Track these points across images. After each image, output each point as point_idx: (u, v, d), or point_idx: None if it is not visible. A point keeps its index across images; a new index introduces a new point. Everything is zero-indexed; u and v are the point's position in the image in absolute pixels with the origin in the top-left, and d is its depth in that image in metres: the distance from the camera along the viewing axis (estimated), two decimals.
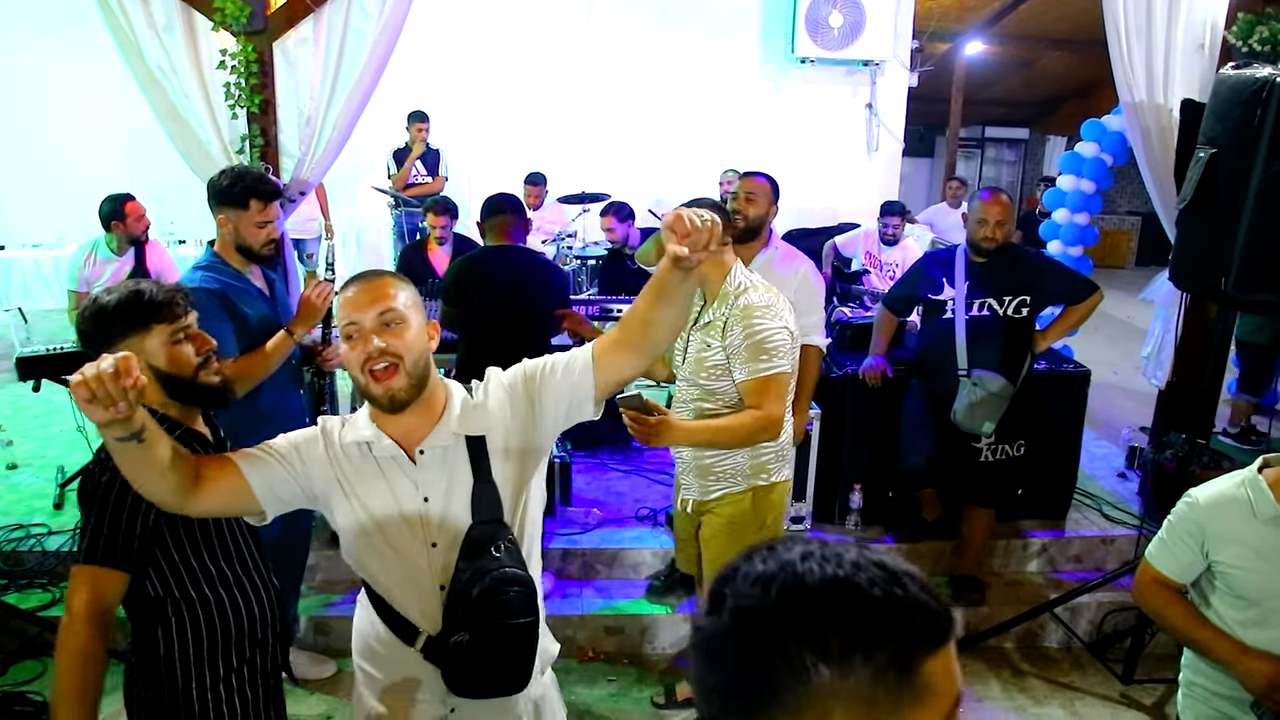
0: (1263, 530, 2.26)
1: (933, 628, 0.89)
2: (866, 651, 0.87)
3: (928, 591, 0.91)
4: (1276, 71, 3.15)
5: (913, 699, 0.88)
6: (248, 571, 2.29)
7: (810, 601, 0.88)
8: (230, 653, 2.22)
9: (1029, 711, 3.97)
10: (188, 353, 2.19)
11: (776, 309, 3.06)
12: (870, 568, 0.90)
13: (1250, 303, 3.36)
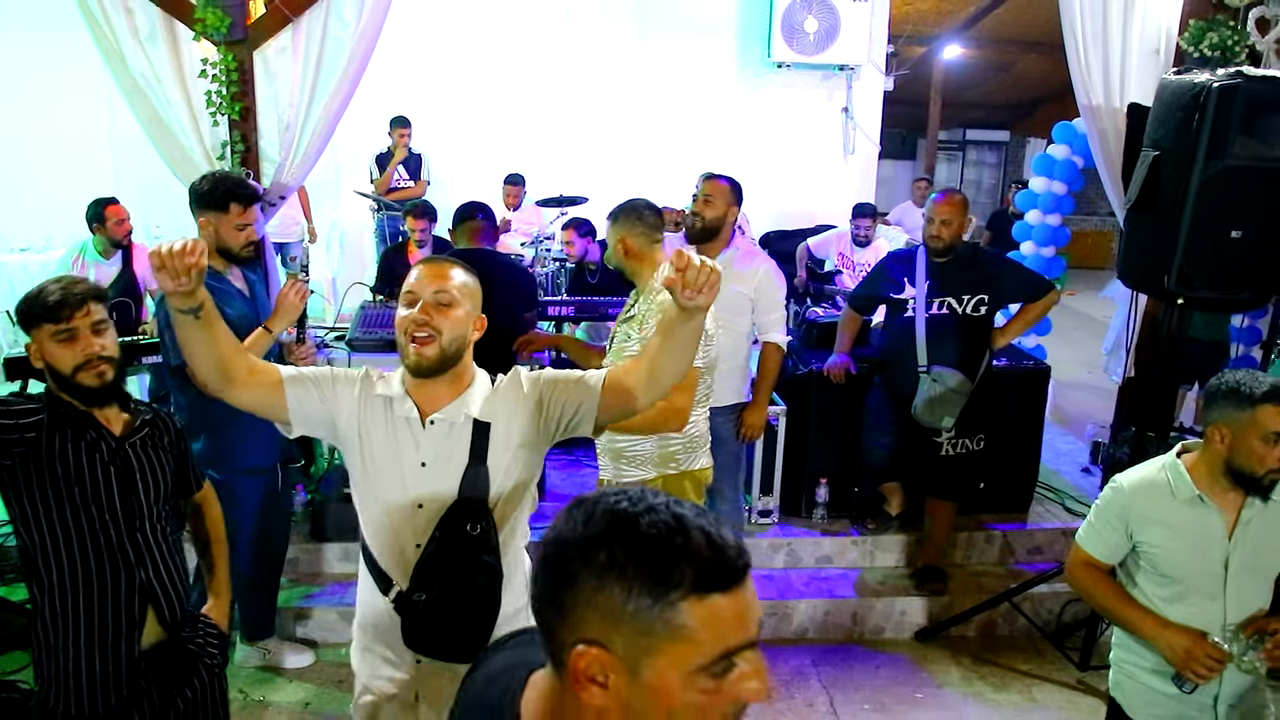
0: (1182, 511, 2.40)
1: (697, 578, 1.02)
2: (624, 574, 1.01)
3: (717, 551, 1.03)
4: (1214, 77, 3.29)
5: (667, 633, 1.02)
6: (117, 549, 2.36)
7: (594, 526, 1.04)
8: (92, 623, 2.35)
9: (987, 698, 4.10)
10: (63, 354, 2.30)
11: None
12: (663, 514, 1.04)
13: (1192, 299, 3.50)
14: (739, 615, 1.05)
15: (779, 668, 4.25)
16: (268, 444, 3.68)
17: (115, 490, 2.34)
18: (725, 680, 1.06)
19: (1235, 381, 2.33)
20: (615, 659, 1.05)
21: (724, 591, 1.04)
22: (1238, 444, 2.30)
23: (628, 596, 1.03)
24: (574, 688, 1.08)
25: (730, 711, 1.09)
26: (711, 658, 1.04)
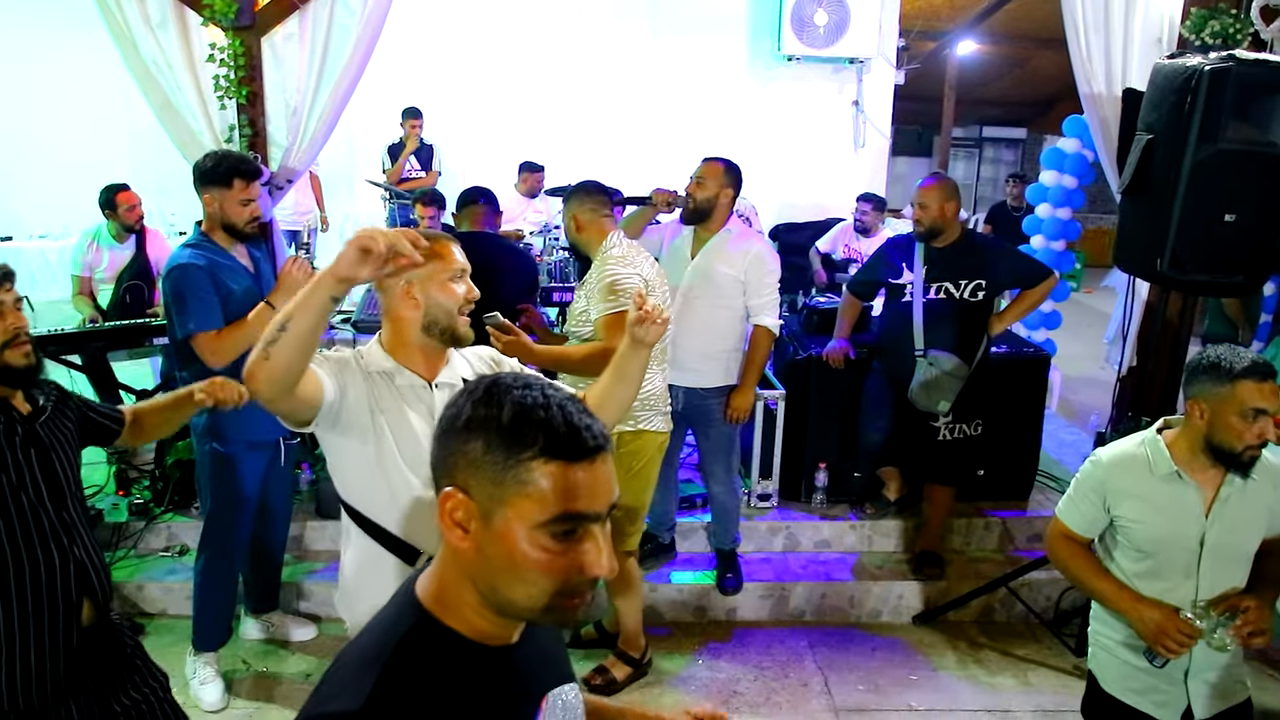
0: (1159, 486, 2.42)
1: (548, 443, 1.17)
2: (488, 430, 1.18)
3: (572, 427, 1.18)
4: (1206, 61, 3.31)
5: (516, 486, 1.17)
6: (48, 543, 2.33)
7: (478, 394, 1.22)
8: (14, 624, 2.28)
9: (982, 680, 4.12)
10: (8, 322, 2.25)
11: (632, 259, 3.46)
12: (535, 391, 1.21)
13: (1185, 283, 3.51)
14: (584, 486, 1.18)
15: (775, 649, 4.29)
16: (270, 418, 3.73)
17: (39, 472, 2.31)
18: (568, 544, 1.19)
19: (1215, 357, 2.34)
20: (473, 504, 1.20)
21: (570, 461, 1.17)
22: (1216, 419, 2.32)
23: (487, 449, 1.18)
24: (445, 534, 1.23)
25: (576, 579, 1.20)
26: (552, 515, 1.17)
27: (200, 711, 3.74)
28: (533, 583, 1.20)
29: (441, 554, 1.28)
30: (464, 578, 1.25)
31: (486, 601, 1.24)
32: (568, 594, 1.21)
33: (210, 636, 3.88)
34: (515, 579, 1.20)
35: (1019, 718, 3.87)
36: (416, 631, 1.25)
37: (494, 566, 1.21)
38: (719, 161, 4.04)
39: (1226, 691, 2.49)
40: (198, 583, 3.83)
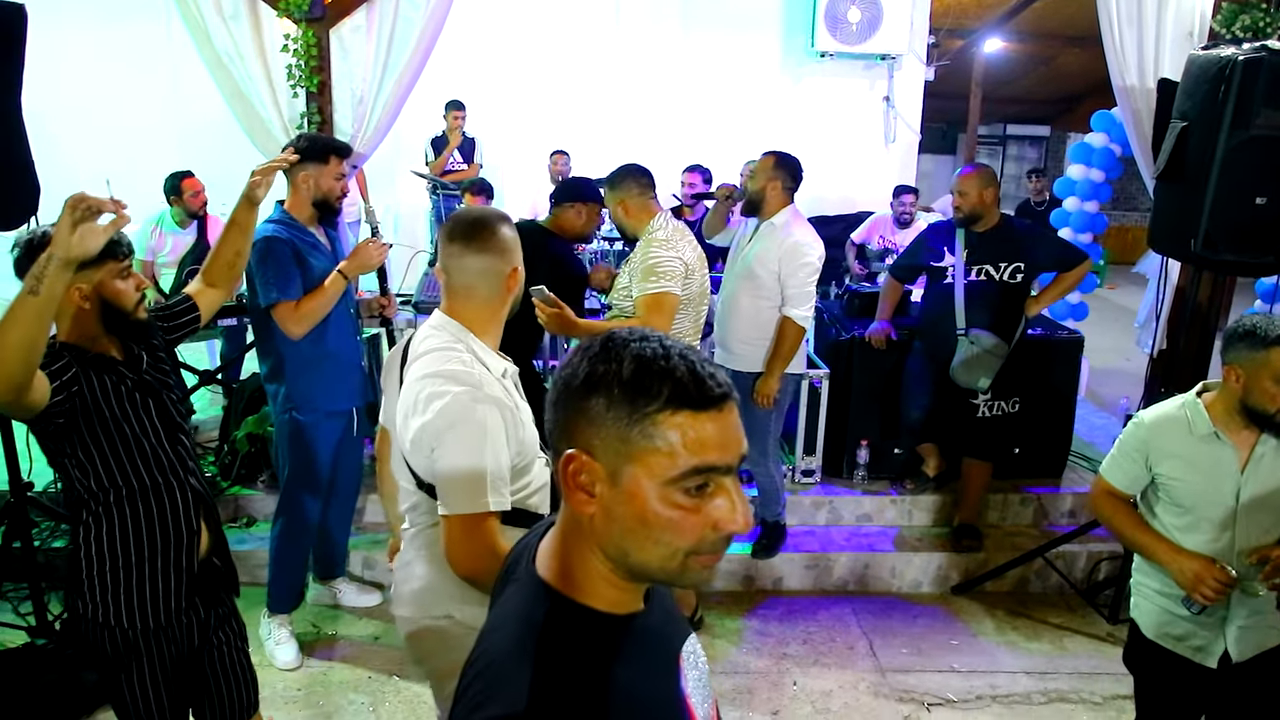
0: (1198, 445, 2.60)
1: (673, 394, 1.11)
2: (609, 386, 1.13)
3: (696, 376, 1.13)
4: (1239, 51, 3.47)
5: (644, 441, 1.11)
6: (167, 476, 2.52)
7: (592, 350, 1.17)
8: (144, 549, 2.49)
9: (1020, 646, 4.30)
10: (130, 289, 2.47)
11: (675, 243, 3.66)
12: (653, 343, 1.15)
13: (1217, 263, 3.68)
14: (713, 437, 1.12)
15: (820, 615, 4.48)
16: (347, 388, 3.96)
17: (153, 411, 2.50)
18: (700, 499, 1.14)
19: (1251, 324, 2.52)
20: (598, 465, 1.14)
21: (698, 410, 1.12)
22: (1252, 384, 2.49)
23: (609, 405, 1.13)
24: (568, 499, 1.19)
25: (710, 537, 1.15)
26: (683, 470, 1.12)
27: (275, 670, 3.95)
28: (666, 543, 1.15)
29: (560, 527, 1.25)
30: (590, 547, 1.20)
31: (617, 568, 1.20)
32: (702, 552, 1.16)
33: (285, 599, 4.10)
34: (647, 540, 1.15)
35: (1056, 679, 4.05)
36: (554, 616, 1.21)
37: (624, 529, 1.16)
38: (770, 154, 4.24)
39: (1261, 638, 2.65)
40: (274, 547, 4.03)
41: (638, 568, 1.18)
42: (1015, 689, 3.98)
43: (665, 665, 1.27)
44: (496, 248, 2.22)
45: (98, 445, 2.41)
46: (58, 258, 2.07)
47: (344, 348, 3.92)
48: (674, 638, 1.32)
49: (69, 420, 2.34)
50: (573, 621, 1.20)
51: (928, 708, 3.84)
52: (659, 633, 1.28)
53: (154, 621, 2.51)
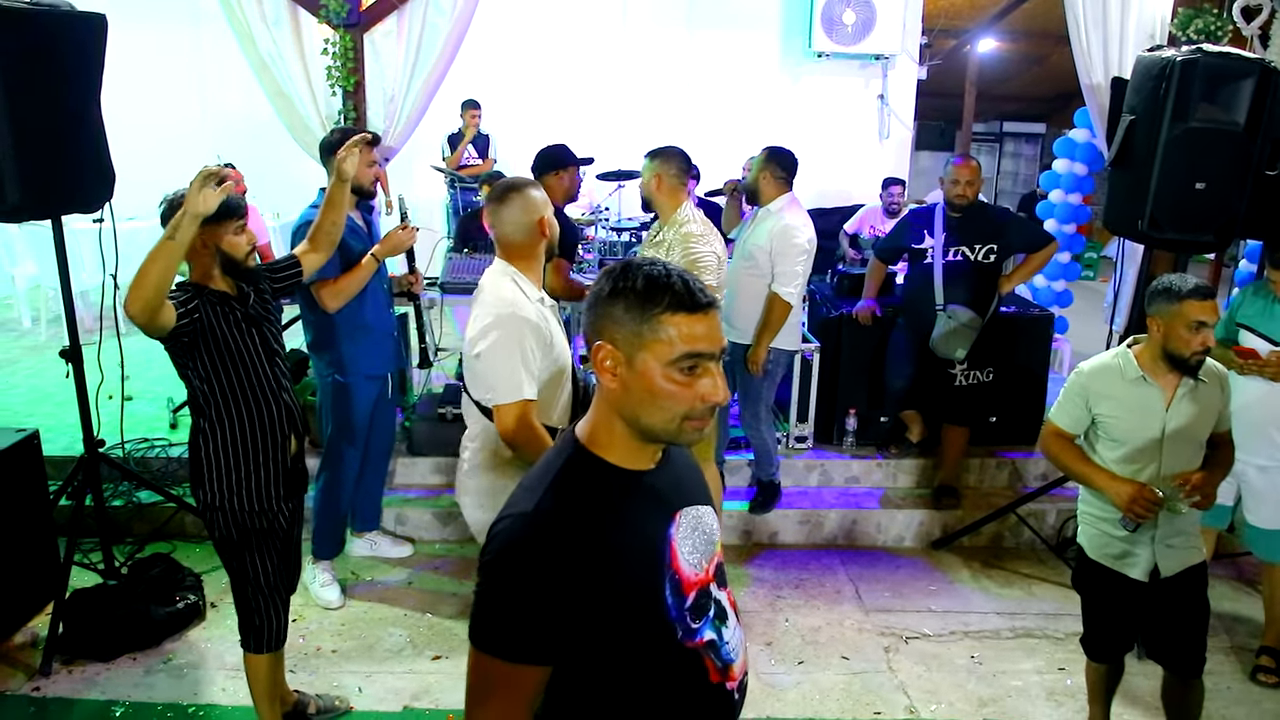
0: (1129, 388, 3.05)
1: (672, 301, 1.52)
2: (627, 295, 1.54)
3: (689, 289, 1.53)
4: (1178, 53, 3.91)
5: (651, 335, 1.52)
6: (267, 387, 3.12)
7: (615, 270, 1.59)
8: (248, 446, 3.10)
9: (992, 591, 4.75)
10: (242, 242, 3.08)
11: (707, 235, 4.10)
12: (659, 267, 1.56)
13: (1161, 240, 4.12)
14: (702, 332, 1.53)
15: (811, 565, 4.94)
16: (382, 355, 4.42)
17: (256, 338, 3.10)
18: (692, 378, 1.53)
19: (1168, 282, 2.97)
20: (619, 353, 1.54)
21: (690, 313, 1.52)
22: (1169, 332, 2.94)
23: (627, 309, 1.54)
24: (599, 379, 1.59)
25: (699, 406, 1.55)
26: (679, 355, 1.52)
27: (320, 609, 4.40)
28: (667, 409, 1.54)
29: (594, 404, 1.63)
30: (613, 415, 1.59)
31: (631, 431, 1.58)
32: (692, 417, 1.55)
33: (328, 546, 4.54)
34: (654, 407, 1.54)
35: (1024, 619, 4.49)
36: (574, 459, 1.61)
37: (637, 399, 1.55)
38: (764, 149, 4.70)
39: (1185, 556, 3.10)
40: (318, 499, 4.47)
41: (647, 429, 1.57)
42: (986, 626, 4.43)
43: (657, 513, 1.63)
44: (522, 204, 2.90)
45: (212, 360, 3.02)
46: (189, 213, 2.76)
47: (379, 319, 4.38)
48: (675, 499, 1.67)
49: (191, 339, 2.96)
50: (586, 464, 1.60)
51: (906, 641, 4.29)
52: (660, 490, 1.65)
53: (258, 505, 3.13)
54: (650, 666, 1.61)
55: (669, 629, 1.60)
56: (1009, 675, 4.05)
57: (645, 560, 1.59)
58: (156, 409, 6.06)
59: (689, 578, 1.64)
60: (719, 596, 1.72)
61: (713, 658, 1.67)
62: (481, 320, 2.81)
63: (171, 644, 4.12)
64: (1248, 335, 3.96)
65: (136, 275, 2.75)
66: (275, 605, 3.24)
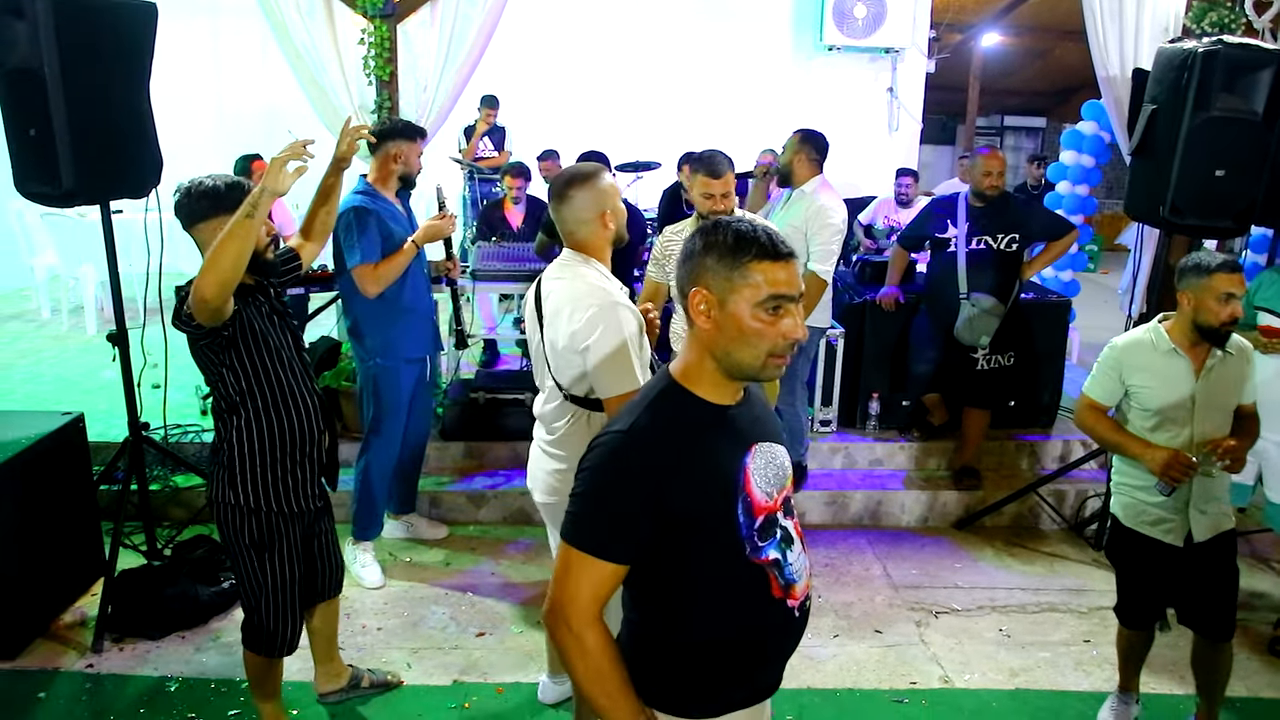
0: (1161, 360, 3.18)
1: (759, 251, 1.74)
2: (719, 247, 1.77)
3: (773, 242, 1.76)
4: (1199, 44, 4.04)
5: (741, 280, 1.75)
6: (300, 383, 3.08)
7: (709, 226, 1.81)
8: (287, 444, 3.05)
9: (1015, 568, 4.88)
10: (263, 234, 2.93)
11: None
12: (746, 224, 1.79)
13: (1182, 227, 4.25)
14: (783, 277, 1.76)
15: (839, 545, 5.06)
16: (422, 338, 4.53)
17: (286, 330, 3.07)
18: (775, 317, 1.76)
19: (1197, 258, 3.11)
20: (713, 297, 1.77)
21: (773, 261, 1.75)
22: (1200, 304, 3.08)
23: (719, 259, 1.77)
24: (693, 324, 1.81)
25: (781, 343, 1.77)
26: (766, 296, 1.74)
27: (363, 589, 4.51)
28: (755, 345, 1.76)
29: (687, 344, 1.86)
30: (705, 353, 1.81)
31: (720, 368, 1.81)
32: (775, 354, 1.78)
33: (370, 527, 4.64)
34: (743, 344, 1.76)
35: (1048, 594, 4.62)
36: (668, 390, 1.85)
37: (728, 337, 1.77)
38: (797, 132, 4.83)
39: (1216, 521, 3.24)
40: (359, 482, 4.57)
41: (736, 365, 1.80)
42: (1012, 602, 4.55)
43: (736, 443, 1.85)
44: (583, 198, 2.83)
45: (251, 356, 2.96)
46: (269, 190, 2.73)
47: (419, 303, 4.49)
48: (752, 433, 1.89)
49: (231, 334, 2.90)
50: (677, 394, 1.84)
51: (936, 615, 4.41)
52: (740, 424, 1.87)
53: (290, 506, 3.09)
54: (721, 575, 1.84)
55: (739, 544, 1.83)
56: (1037, 647, 4.17)
57: (723, 481, 1.82)
58: (185, 395, 6.14)
59: (760, 502, 1.86)
60: (785, 524, 1.93)
61: (776, 575, 1.88)
62: (583, 312, 2.71)
63: (219, 622, 4.22)
64: (1266, 316, 4.09)
65: (211, 256, 2.68)
66: (291, 612, 3.17)
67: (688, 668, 1.89)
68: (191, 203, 2.95)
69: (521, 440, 5.42)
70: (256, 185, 2.77)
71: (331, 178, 3.61)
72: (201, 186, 2.95)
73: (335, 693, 3.65)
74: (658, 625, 1.89)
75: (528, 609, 4.34)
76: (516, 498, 5.19)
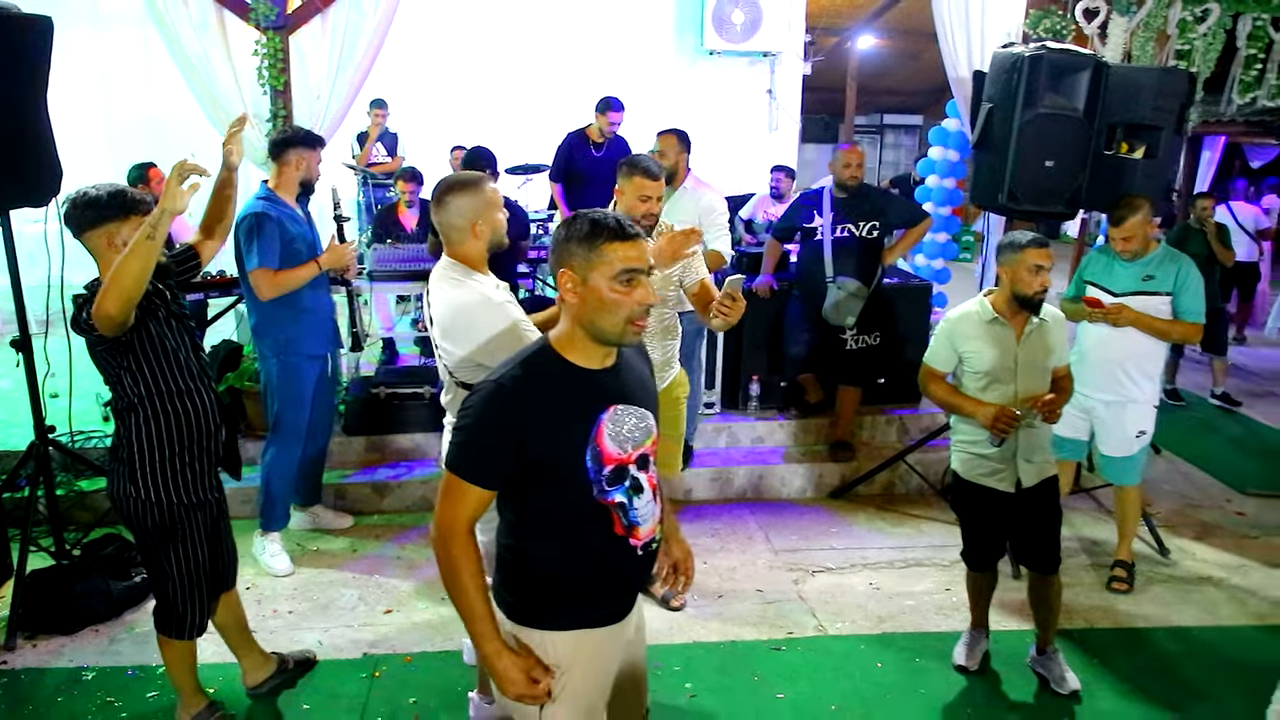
0: (987, 328, 3.61)
1: (610, 234, 2.08)
2: (578, 233, 2.11)
3: (622, 226, 2.09)
4: (1026, 49, 4.52)
5: (598, 259, 2.08)
6: (196, 382, 3.24)
7: (571, 219, 2.15)
8: (185, 439, 3.21)
9: (886, 531, 5.31)
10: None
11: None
12: (599, 212, 2.14)
13: (1019, 212, 4.73)
14: (633, 254, 2.09)
15: (724, 517, 5.43)
16: (323, 336, 4.74)
17: (183, 331, 3.22)
18: (629, 288, 2.09)
19: (1011, 237, 3.57)
20: (576, 275, 2.11)
21: (623, 241, 2.09)
22: (1015, 277, 3.52)
23: (579, 243, 2.11)
24: (562, 301, 2.15)
25: (637, 309, 2.10)
26: (619, 271, 2.08)
27: (272, 577, 4.70)
28: (614, 313, 2.09)
29: (561, 316, 2.18)
30: (575, 324, 2.14)
31: (588, 334, 2.13)
32: (633, 319, 2.11)
33: (277, 518, 4.83)
34: (605, 313, 2.09)
35: (914, 551, 5.06)
36: (540, 351, 2.18)
37: (592, 308, 2.10)
38: (669, 132, 5.12)
39: (1041, 468, 3.69)
40: (266, 474, 4.75)
41: (600, 332, 2.13)
42: (881, 559, 4.98)
43: (596, 401, 2.15)
44: (457, 205, 3.02)
45: (147, 357, 3.11)
46: (168, 210, 2.89)
47: (319, 302, 4.71)
48: (615, 395, 2.19)
49: (128, 338, 3.05)
50: (550, 356, 2.17)
51: (812, 574, 4.80)
52: (604, 386, 2.18)
53: (189, 498, 3.26)
54: (569, 510, 2.17)
55: (587, 485, 2.15)
56: (903, 597, 4.59)
57: (576, 431, 2.13)
58: (87, 403, 6.21)
59: (609, 453, 2.16)
60: (638, 475, 2.22)
61: (620, 515, 2.20)
62: (461, 315, 2.97)
63: (132, 615, 4.37)
64: (1093, 290, 4.57)
65: (113, 275, 2.83)
66: (200, 595, 3.33)
67: (542, 585, 2.22)
68: (78, 213, 3.09)
69: (422, 432, 5.69)
70: (149, 194, 2.91)
71: (225, 178, 3.79)
72: (85, 197, 3.09)
73: (265, 681, 3.78)
74: (519, 547, 2.23)
75: (432, 586, 4.59)
76: (418, 486, 5.44)
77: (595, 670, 2.30)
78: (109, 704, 3.73)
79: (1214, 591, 4.73)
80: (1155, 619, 4.46)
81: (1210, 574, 4.91)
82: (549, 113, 9.24)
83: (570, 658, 2.23)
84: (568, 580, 2.22)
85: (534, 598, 2.22)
